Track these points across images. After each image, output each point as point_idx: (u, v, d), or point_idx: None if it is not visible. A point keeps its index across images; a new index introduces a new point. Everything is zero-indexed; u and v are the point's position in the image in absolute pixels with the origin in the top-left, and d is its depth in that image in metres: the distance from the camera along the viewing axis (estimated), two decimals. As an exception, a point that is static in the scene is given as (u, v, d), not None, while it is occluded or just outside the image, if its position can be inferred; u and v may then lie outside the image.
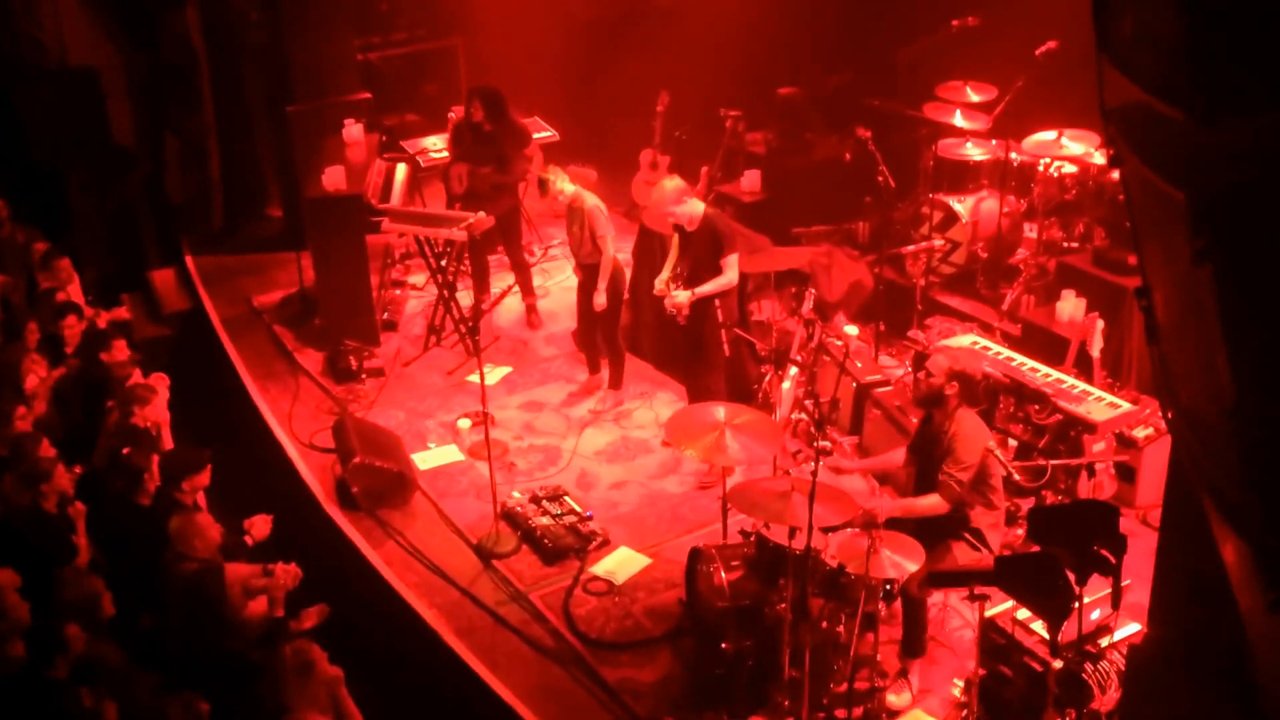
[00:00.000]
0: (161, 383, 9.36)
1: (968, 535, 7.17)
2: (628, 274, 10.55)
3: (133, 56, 13.33)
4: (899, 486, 8.22)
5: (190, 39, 13.21)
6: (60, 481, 8.03)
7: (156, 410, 8.97)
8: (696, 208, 9.04)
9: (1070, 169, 10.41)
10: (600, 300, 9.83)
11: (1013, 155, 10.72)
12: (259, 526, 8.16)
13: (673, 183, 9.19)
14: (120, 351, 9.59)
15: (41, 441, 8.28)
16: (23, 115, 12.79)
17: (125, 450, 8.32)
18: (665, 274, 9.38)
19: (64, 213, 12.88)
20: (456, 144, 11.35)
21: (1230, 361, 3.14)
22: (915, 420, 7.71)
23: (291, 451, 9.91)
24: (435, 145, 12.52)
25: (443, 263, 11.26)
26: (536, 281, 11.84)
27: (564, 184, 9.84)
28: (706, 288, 8.96)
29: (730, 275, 9.00)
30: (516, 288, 11.49)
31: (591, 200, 9.85)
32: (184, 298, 12.80)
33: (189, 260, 13.12)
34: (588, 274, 9.99)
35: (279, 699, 6.60)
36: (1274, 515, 3.23)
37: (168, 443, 8.96)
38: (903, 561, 6.58)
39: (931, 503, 7.07)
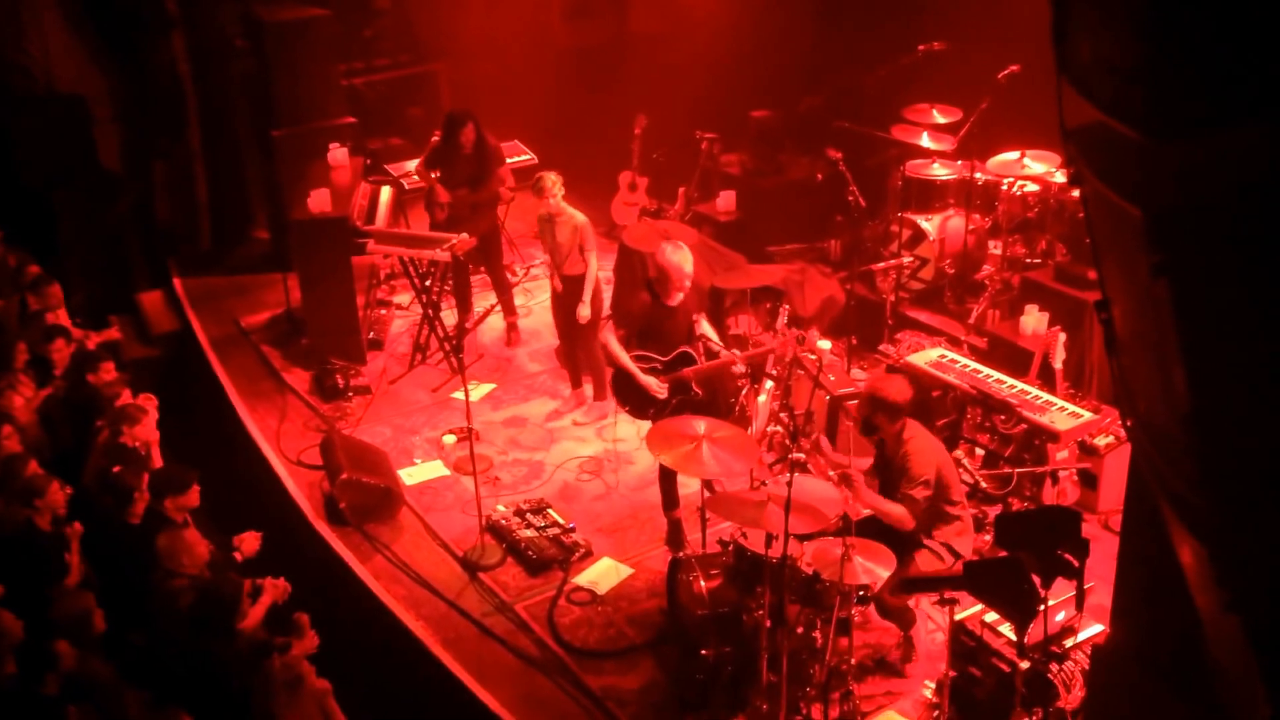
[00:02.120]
0: (150, 402, 9.32)
1: (930, 544, 7.22)
2: (608, 291, 10.59)
3: (120, 83, 13.31)
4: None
5: (176, 66, 13.20)
6: (54, 498, 8.00)
7: (146, 430, 8.93)
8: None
9: (1032, 188, 10.48)
10: (585, 312, 9.87)
11: (978, 175, 10.78)
12: (248, 543, 8.15)
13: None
14: (108, 372, 9.56)
15: (30, 461, 8.26)
16: (11, 141, 12.76)
17: (115, 469, 8.31)
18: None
19: (52, 236, 12.85)
20: (431, 167, 11.29)
21: (1187, 371, 3.19)
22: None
23: (279, 468, 9.90)
24: (418, 168, 12.53)
25: (427, 283, 11.27)
26: (518, 301, 11.86)
27: (559, 190, 9.87)
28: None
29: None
30: (499, 306, 11.52)
31: (581, 216, 9.90)
32: (172, 319, 12.77)
33: (177, 282, 13.09)
34: (568, 285, 10.01)
35: (269, 712, 6.59)
36: (1228, 517, 3.28)
37: (157, 461, 8.91)
38: (874, 568, 6.61)
39: (900, 513, 7.11)
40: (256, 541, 8.16)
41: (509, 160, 11.73)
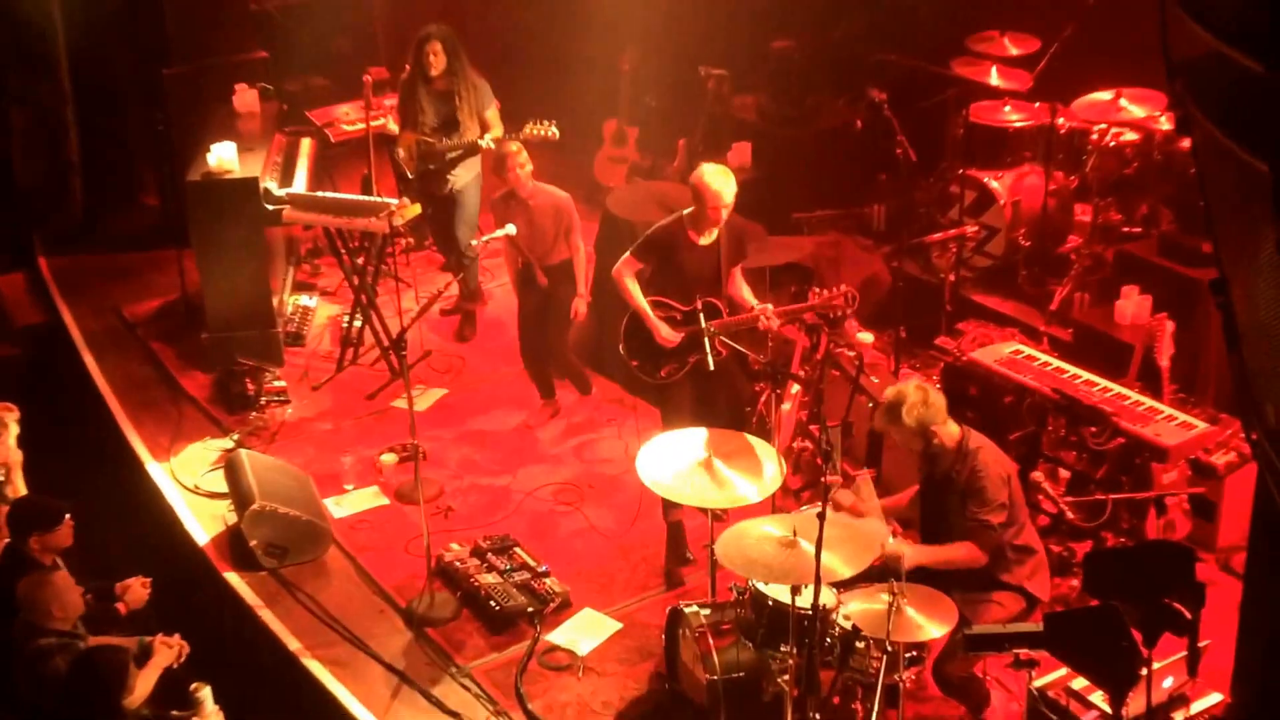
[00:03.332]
0: (11, 414, 9.29)
1: (1002, 592, 7.22)
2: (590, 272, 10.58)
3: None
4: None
5: (41, -13, 13.19)
6: None
7: (4, 449, 8.93)
8: None
9: (1130, 137, 10.47)
10: (582, 308, 9.85)
11: (1060, 121, 10.79)
12: (134, 592, 8.13)
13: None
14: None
15: None
16: None
17: (-37, 500, 8.30)
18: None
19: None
20: (404, 105, 11.25)
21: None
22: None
23: (173, 497, 9.88)
24: (348, 115, 12.48)
25: (359, 260, 11.24)
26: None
27: (527, 165, 9.86)
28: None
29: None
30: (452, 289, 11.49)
31: (560, 193, 9.91)
32: (37, 309, 12.74)
33: (43, 262, 13.08)
34: (551, 276, 9.97)
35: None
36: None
37: (20, 490, 8.90)
38: (930, 622, 6.60)
39: (965, 552, 7.10)
40: (145, 590, 8.15)
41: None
